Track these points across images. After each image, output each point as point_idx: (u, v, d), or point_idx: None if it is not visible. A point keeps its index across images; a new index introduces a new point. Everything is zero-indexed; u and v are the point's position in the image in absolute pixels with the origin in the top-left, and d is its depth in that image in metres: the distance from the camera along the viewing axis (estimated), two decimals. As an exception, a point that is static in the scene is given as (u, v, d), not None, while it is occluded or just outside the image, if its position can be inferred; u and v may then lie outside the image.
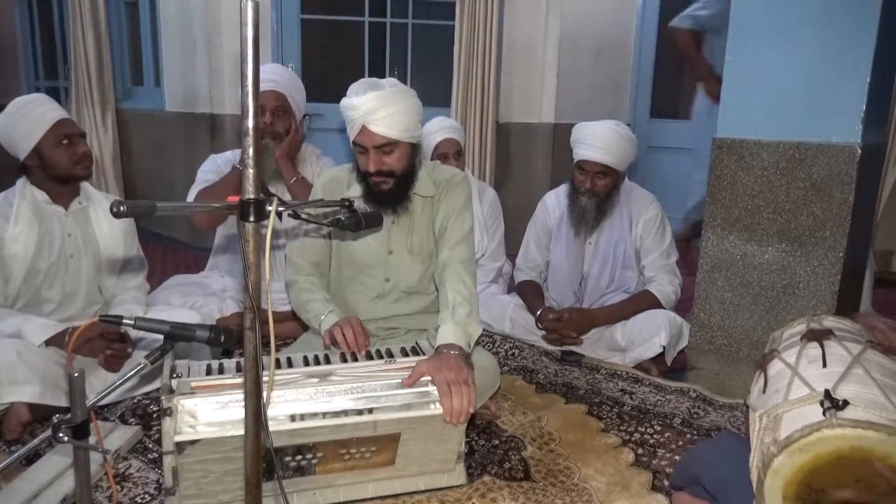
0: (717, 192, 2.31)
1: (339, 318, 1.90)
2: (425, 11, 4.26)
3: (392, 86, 1.86)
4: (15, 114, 2.13)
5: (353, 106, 1.83)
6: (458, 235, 1.98)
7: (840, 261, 2.12)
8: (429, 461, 1.68)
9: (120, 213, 1.01)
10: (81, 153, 2.19)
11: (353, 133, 1.88)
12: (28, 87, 5.65)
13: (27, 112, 2.13)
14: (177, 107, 4.44)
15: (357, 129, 1.86)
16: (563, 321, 2.64)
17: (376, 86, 1.85)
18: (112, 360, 2.09)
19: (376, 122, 1.82)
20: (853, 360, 1.35)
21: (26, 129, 2.12)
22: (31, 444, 1.19)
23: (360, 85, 1.86)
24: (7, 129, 2.14)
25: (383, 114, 1.82)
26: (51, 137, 2.12)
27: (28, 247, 2.14)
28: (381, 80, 1.90)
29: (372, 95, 1.81)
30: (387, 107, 1.81)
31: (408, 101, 1.86)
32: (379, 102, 1.81)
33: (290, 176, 2.62)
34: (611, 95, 4.56)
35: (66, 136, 2.14)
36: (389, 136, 1.84)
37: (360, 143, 1.88)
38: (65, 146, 2.15)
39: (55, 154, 2.14)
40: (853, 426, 1.16)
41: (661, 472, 1.84)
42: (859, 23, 1.99)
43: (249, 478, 1.14)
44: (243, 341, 1.08)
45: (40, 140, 2.12)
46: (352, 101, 1.84)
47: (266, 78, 2.63)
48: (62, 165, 2.16)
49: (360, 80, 1.90)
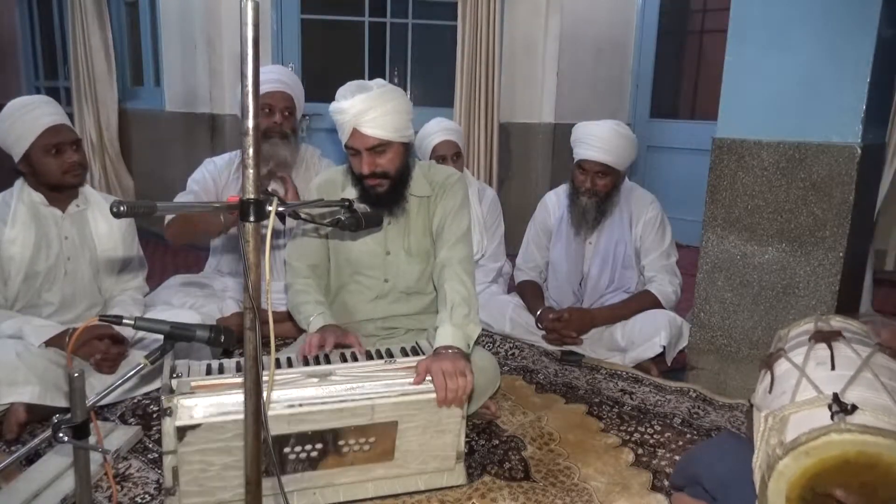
0: (717, 192, 2.31)
1: (326, 321, 1.91)
2: (425, 11, 4.26)
3: (380, 86, 1.86)
4: (11, 116, 2.11)
5: (342, 109, 1.82)
6: (456, 235, 1.98)
7: (840, 261, 2.12)
8: (428, 458, 1.68)
9: (120, 213, 1.01)
10: (70, 163, 2.14)
11: (344, 136, 1.88)
12: (28, 87, 5.65)
13: (21, 115, 2.10)
14: (177, 107, 4.44)
15: (348, 132, 1.85)
16: (563, 321, 2.64)
17: (364, 88, 1.84)
18: (103, 362, 2.08)
19: (366, 123, 1.82)
20: (862, 364, 1.34)
21: (18, 134, 2.09)
22: (31, 444, 1.19)
23: (348, 88, 1.86)
24: (3, 130, 2.12)
25: (373, 115, 1.81)
26: (40, 145, 2.09)
27: (25, 249, 2.14)
28: (369, 81, 1.89)
29: (360, 98, 1.80)
30: (376, 108, 1.81)
31: (396, 101, 1.86)
32: (368, 104, 1.80)
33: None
34: (611, 95, 4.56)
35: (55, 146, 2.11)
36: (381, 136, 1.84)
37: (353, 146, 1.88)
38: (53, 155, 2.11)
39: (44, 162, 2.11)
40: (861, 431, 1.15)
41: (661, 472, 1.84)
42: (859, 23, 1.99)
43: (249, 476, 1.14)
44: (243, 341, 1.08)
45: (29, 147, 2.09)
46: (340, 105, 1.83)
47: (275, 79, 2.66)
48: (50, 174, 2.13)
49: (348, 84, 1.89)
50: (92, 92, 4.66)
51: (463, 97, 4.04)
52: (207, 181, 2.70)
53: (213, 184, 2.70)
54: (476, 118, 4.04)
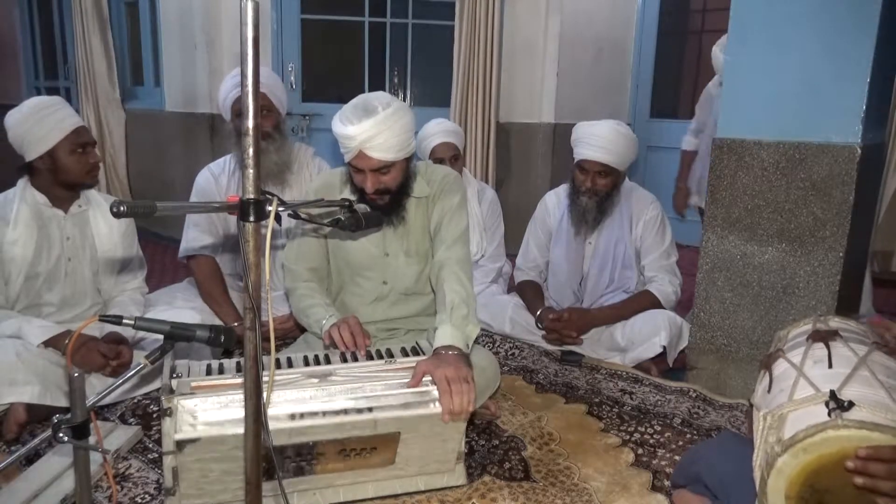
0: (717, 192, 2.30)
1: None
2: (425, 11, 4.26)
3: (385, 106, 1.81)
4: (33, 115, 2.11)
5: (350, 136, 1.79)
6: (454, 235, 1.97)
7: (840, 261, 2.12)
8: (429, 461, 1.68)
9: (120, 213, 1.01)
10: (93, 163, 2.21)
11: (348, 157, 1.86)
12: (28, 86, 5.66)
13: (47, 114, 2.12)
14: (177, 107, 4.44)
15: (353, 154, 1.83)
16: (563, 321, 2.64)
17: (370, 111, 1.80)
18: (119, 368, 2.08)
19: (374, 148, 1.80)
20: (859, 362, 1.35)
21: (44, 132, 2.10)
22: (31, 444, 1.19)
23: (353, 112, 1.82)
24: (23, 128, 2.11)
25: (381, 140, 1.79)
26: (67, 144, 2.12)
27: (27, 250, 2.14)
28: (372, 98, 1.85)
29: (368, 124, 1.77)
30: (384, 133, 1.79)
31: (403, 122, 1.83)
32: (376, 130, 1.78)
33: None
34: (611, 95, 4.56)
35: (81, 145, 2.16)
36: (388, 159, 1.83)
37: (357, 166, 1.87)
38: (79, 154, 2.16)
39: (69, 161, 2.14)
40: (858, 427, 1.15)
41: (661, 472, 1.84)
42: (859, 23, 1.99)
43: (249, 478, 1.14)
44: (243, 341, 1.08)
45: (56, 144, 2.11)
46: (347, 131, 1.79)
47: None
48: (74, 172, 2.16)
49: (351, 104, 1.85)
50: (92, 92, 4.66)
51: (460, 97, 4.04)
52: (212, 194, 2.66)
53: (215, 192, 2.67)
54: (474, 118, 4.04)
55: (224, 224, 2.66)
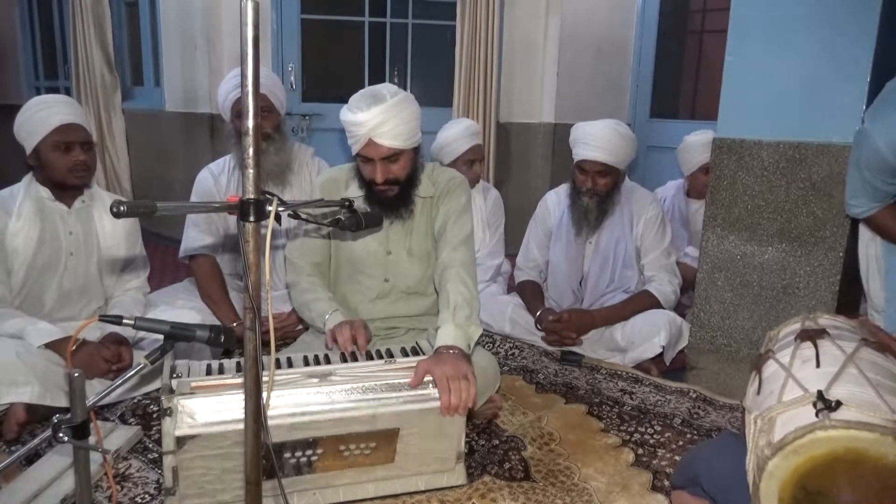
0: (717, 192, 2.31)
1: (343, 317, 1.91)
2: (425, 11, 4.26)
3: (392, 95, 1.85)
4: (27, 111, 2.16)
5: (359, 122, 1.82)
6: (459, 238, 1.98)
7: (840, 261, 2.12)
8: (429, 460, 1.68)
9: (120, 212, 1.01)
10: (76, 161, 2.16)
11: (357, 146, 1.88)
12: (28, 86, 5.65)
13: (37, 112, 2.15)
14: (177, 107, 4.44)
15: (362, 142, 1.85)
16: (563, 322, 2.64)
17: (378, 98, 1.83)
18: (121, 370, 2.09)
19: (383, 135, 1.82)
20: (847, 360, 1.34)
21: (31, 128, 2.14)
22: (31, 444, 1.19)
23: (362, 99, 1.85)
24: (18, 125, 2.17)
25: (389, 126, 1.82)
26: (50, 141, 2.13)
27: (29, 242, 2.15)
28: (379, 87, 1.89)
29: (377, 110, 1.80)
30: (392, 119, 1.81)
31: (410, 109, 1.86)
32: (385, 116, 1.81)
33: None
34: (611, 95, 4.56)
35: (65, 143, 2.14)
36: (396, 146, 1.85)
37: (366, 155, 1.88)
38: (61, 151, 2.14)
39: (51, 158, 2.14)
40: (846, 427, 1.15)
41: (661, 472, 1.84)
42: (859, 23, 1.99)
43: (249, 477, 1.14)
44: (243, 341, 1.08)
45: (40, 142, 2.13)
46: (357, 118, 1.82)
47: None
48: (56, 170, 2.16)
49: (360, 93, 1.88)
50: (92, 92, 4.66)
51: (461, 97, 4.04)
52: (212, 194, 2.66)
53: (215, 192, 2.66)
54: (474, 118, 4.03)
55: (224, 224, 2.66)
